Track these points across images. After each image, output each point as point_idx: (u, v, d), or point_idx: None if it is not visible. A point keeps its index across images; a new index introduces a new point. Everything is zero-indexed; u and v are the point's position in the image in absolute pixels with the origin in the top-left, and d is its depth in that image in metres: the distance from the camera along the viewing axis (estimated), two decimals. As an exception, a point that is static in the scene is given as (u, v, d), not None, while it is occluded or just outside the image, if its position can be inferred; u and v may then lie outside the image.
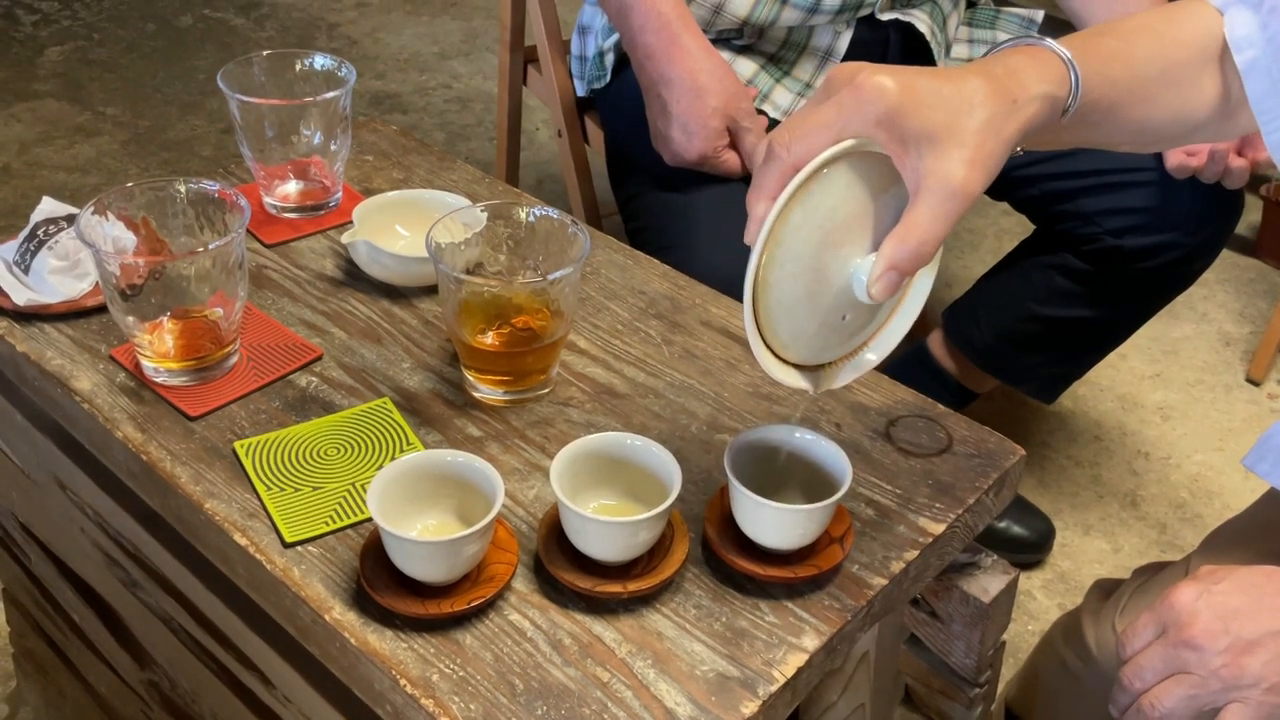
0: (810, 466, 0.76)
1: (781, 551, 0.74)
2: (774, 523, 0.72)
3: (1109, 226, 1.36)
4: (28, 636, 1.23)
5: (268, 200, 1.06)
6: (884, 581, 0.75)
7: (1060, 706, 1.12)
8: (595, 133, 1.52)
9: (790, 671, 0.69)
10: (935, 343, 1.59)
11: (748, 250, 0.66)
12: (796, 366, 0.71)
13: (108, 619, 1.05)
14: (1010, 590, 0.89)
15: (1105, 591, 1.13)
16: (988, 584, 0.87)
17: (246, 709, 0.89)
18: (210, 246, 0.82)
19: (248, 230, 1.04)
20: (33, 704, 1.31)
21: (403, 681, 0.68)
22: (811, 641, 0.71)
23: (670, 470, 0.73)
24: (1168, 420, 1.91)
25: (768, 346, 0.69)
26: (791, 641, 0.71)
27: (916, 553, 0.77)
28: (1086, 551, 1.69)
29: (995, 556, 0.89)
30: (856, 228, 0.67)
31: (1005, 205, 1.49)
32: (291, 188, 1.06)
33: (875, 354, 0.73)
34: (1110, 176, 1.37)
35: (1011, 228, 2.27)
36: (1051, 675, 1.13)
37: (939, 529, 0.79)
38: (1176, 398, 1.95)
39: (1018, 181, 1.43)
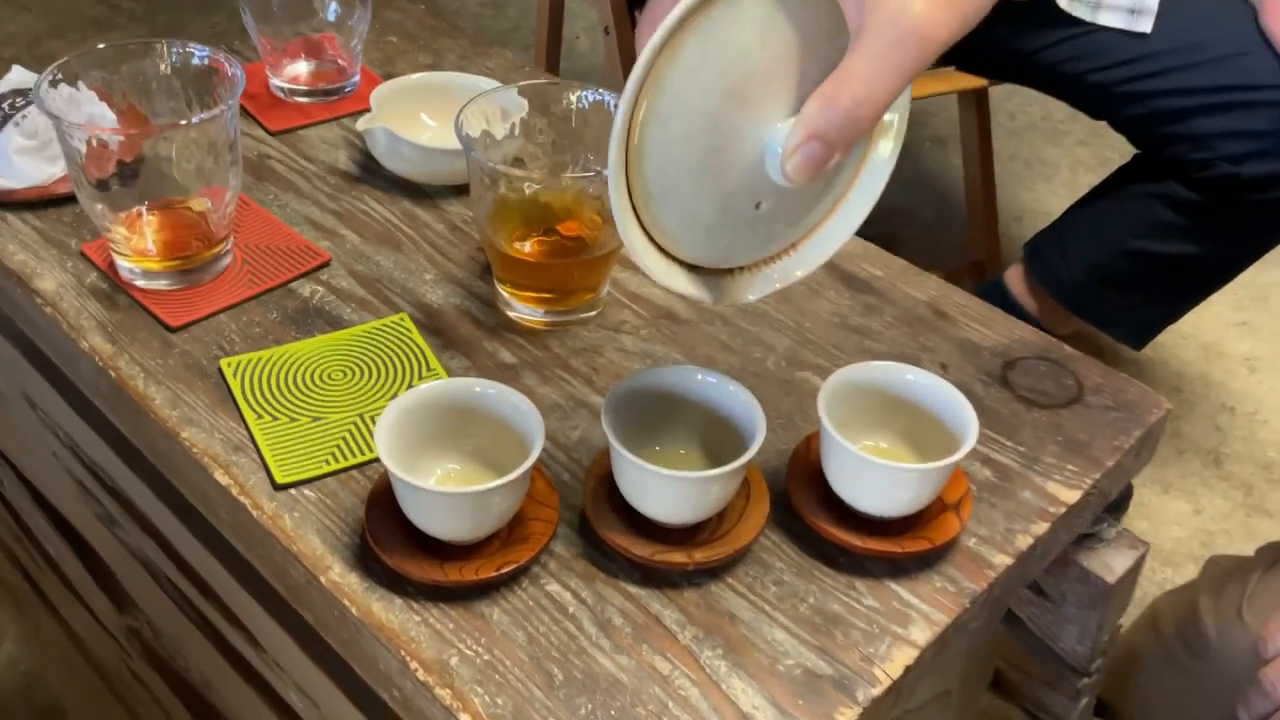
0: (920, 414, 0.62)
1: (883, 519, 0.60)
2: (879, 483, 0.58)
3: (1225, 151, 1.21)
4: (2, 566, 1.11)
5: (275, 82, 0.91)
6: (1008, 560, 0.61)
7: (1166, 703, 0.99)
8: (647, 29, 1.35)
9: (897, 671, 0.55)
10: (1014, 279, 1.45)
11: None
12: (690, 267, 0.54)
13: (85, 556, 0.92)
14: (1138, 568, 0.75)
15: (1225, 571, 0.99)
16: (1112, 559, 0.73)
17: (233, 670, 0.77)
18: (195, 120, 0.68)
19: (250, 115, 0.90)
20: (11, 636, 1.19)
21: (413, 664, 0.54)
22: (921, 633, 0.57)
23: (751, 414, 0.59)
24: (1255, 372, 1.76)
25: (648, 236, 0.52)
26: (897, 632, 0.57)
27: (1047, 526, 0.63)
28: (1165, 512, 1.55)
29: (1120, 525, 0.75)
30: (779, 80, 0.49)
31: (1080, 134, 1.33)
32: (302, 68, 0.92)
33: (803, 268, 0.56)
34: (1231, 94, 1.22)
35: (1086, 159, 2.10)
36: (1155, 667, 0.99)
37: (1073, 497, 0.64)
38: (1265, 348, 1.79)
39: (1121, 97, 1.27)
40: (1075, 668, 0.79)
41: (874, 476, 0.58)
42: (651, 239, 0.52)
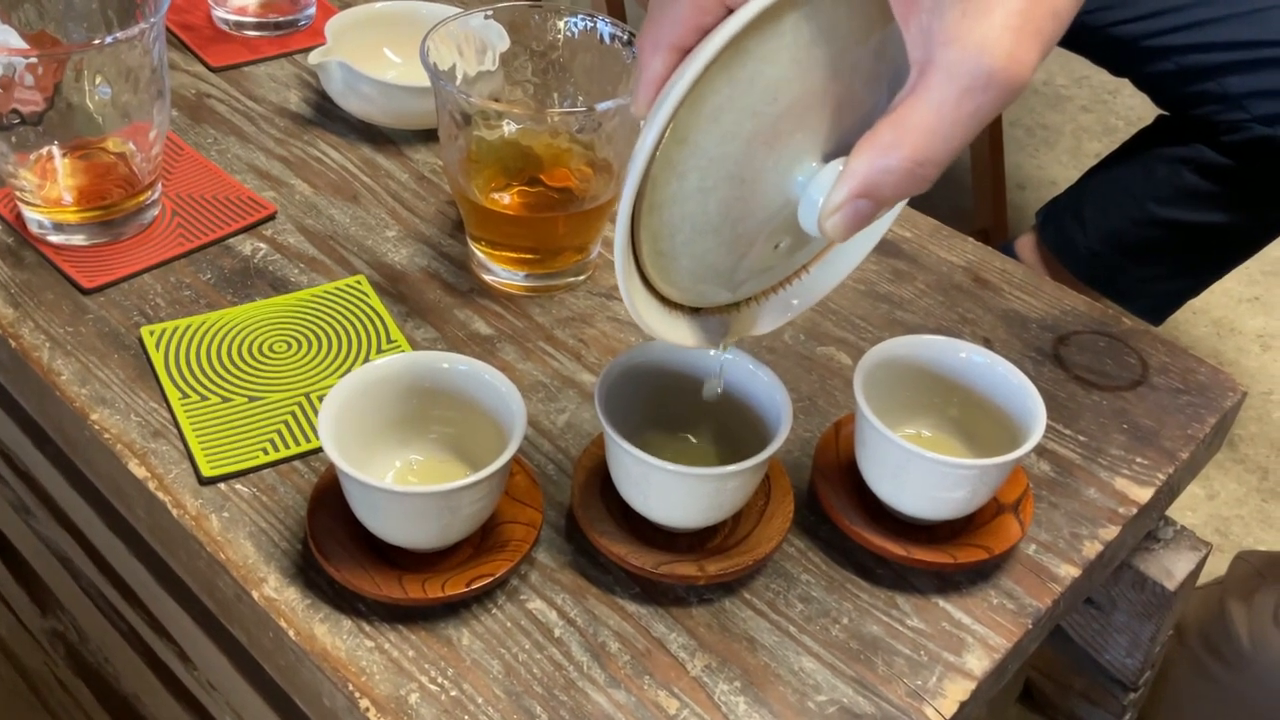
0: (971, 399, 0.52)
1: (929, 522, 0.51)
2: (928, 481, 0.48)
3: (1258, 112, 1.12)
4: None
5: (218, 13, 0.81)
6: (1074, 571, 0.51)
7: (1199, 716, 0.90)
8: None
9: (950, 708, 0.46)
10: (1025, 248, 1.35)
11: None
12: (692, 309, 0.46)
13: (3, 549, 0.82)
14: (1198, 571, 0.66)
15: (1255, 570, 0.90)
16: (1172, 564, 0.64)
17: (162, 686, 0.67)
18: (109, 39, 0.57)
19: (189, 49, 0.79)
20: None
21: (364, 701, 0.44)
22: (979, 662, 0.47)
23: (774, 398, 0.49)
24: (1268, 350, 1.67)
25: (649, 286, 0.43)
26: (949, 660, 0.47)
27: (1116, 529, 0.53)
28: (1178, 497, 1.47)
29: (1180, 525, 0.66)
30: (815, 113, 0.41)
31: (1084, 100, 1.23)
32: (250, -3, 0.81)
33: (815, 293, 0.48)
34: (1266, 50, 1.12)
35: (1090, 125, 2.01)
36: (1183, 676, 0.90)
37: (1144, 495, 0.55)
38: (1278, 324, 1.71)
39: (1147, 52, 1.18)
40: (1123, 681, 0.70)
41: (922, 473, 0.48)
42: (650, 285, 0.44)
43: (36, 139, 0.61)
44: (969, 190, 1.74)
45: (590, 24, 0.63)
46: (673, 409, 0.52)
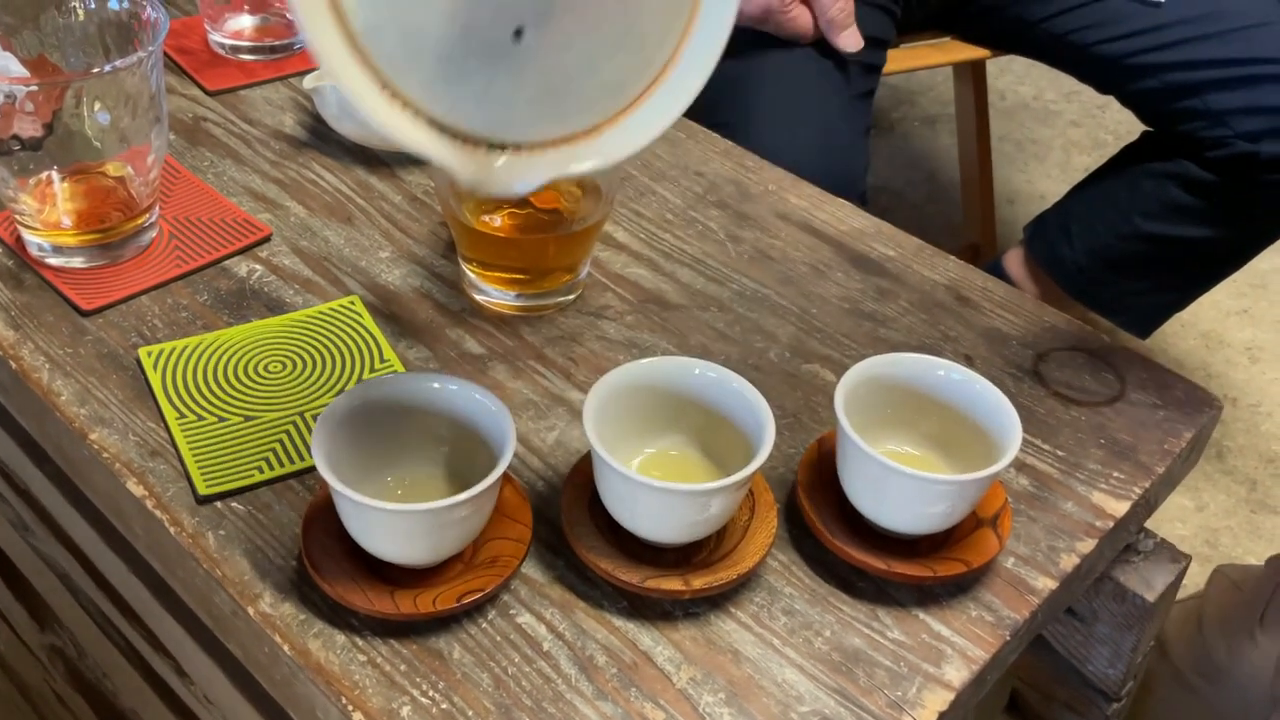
0: (950, 415, 0.54)
1: (910, 537, 0.52)
2: (908, 496, 0.49)
3: (1242, 129, 1.13)
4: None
5: (214, 37, 0.82)
6: (1052, 584, 0.52)
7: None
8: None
9: (929, 718, 0.47)
10: (1014, 262, 1.36)
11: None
12: (463, 137, 0.40)
13: (1, 566, 0.83)
14: (1178, 583, 0.68)
15: (1233, 584, 0.91)
16: (1151, 576, 0.65)
17: (159, 700, 0.68)
18: (108, 68, 0.58)
19: (186, 73, 0.80)
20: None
21: (357, 714, 0.46)
22: (957, 673, 0.49)
23: (757, 415, 0.50)
24: (1256, 362, 1.69)
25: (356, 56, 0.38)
26: (929, 671, 0.48)
27: (1093, 543, 0.54)
28: (1166, 509, 1.48)
29: (1160, 538, 0.67)
30: None
31: (1073, 114, 1.25)
32: (245, 22, 0.83)
33: (598, 156, 0.40)
34: (1249, 68, 1.14)
35: (1080, 140, 2.03)
36: (1165, 688, 0.91)
37: (1121, 508, 0.56)
38: (1266, 337, 1.72)
39: (1132, 70, 1.19)
40: (1105, 692, 0.71)
41: (902, 488, 0.49)
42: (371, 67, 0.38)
43: (36, 164, 0.62)
44: (958, 205, 1.76)
45: (578, 49, 0.64)
46: (659, 426, 0.53)
